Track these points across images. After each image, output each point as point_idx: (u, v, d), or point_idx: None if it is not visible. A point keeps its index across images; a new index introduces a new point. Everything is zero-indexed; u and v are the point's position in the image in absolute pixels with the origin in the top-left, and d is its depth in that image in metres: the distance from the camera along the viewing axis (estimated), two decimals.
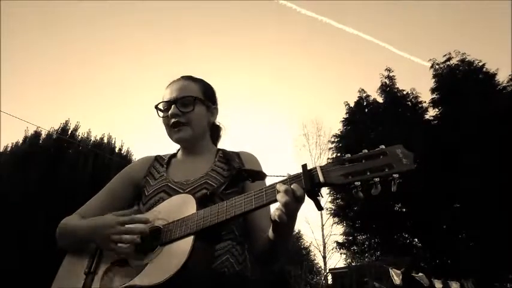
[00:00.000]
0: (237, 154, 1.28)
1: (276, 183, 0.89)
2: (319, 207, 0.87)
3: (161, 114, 1.26)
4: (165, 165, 1.27)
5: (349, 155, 0.84)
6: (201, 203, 0.99)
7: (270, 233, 0.98)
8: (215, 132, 1.39)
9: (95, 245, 1.04)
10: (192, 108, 1.22)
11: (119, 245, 0.95)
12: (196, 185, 1.13)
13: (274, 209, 0.89)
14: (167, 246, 0.93)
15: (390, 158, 0.79)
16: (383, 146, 0.82)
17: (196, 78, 1.33)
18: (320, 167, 0.85)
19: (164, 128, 1.28)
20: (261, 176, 1.04)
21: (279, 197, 0.84)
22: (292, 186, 0.84)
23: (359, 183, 0.79)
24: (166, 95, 1.26)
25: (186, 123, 1.21)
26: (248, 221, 1.14)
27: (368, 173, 0.79)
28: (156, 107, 1.27)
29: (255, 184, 1.07)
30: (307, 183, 0.83)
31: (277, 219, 0.85)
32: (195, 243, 0.89)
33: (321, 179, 0.82)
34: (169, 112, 1.21)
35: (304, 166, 0.87)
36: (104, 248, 1.01)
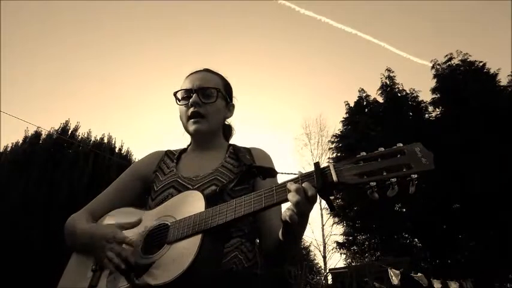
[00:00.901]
0: (248, 150, 1.26)
1: (287, 181, 0.86)
2: (332, 208, 0.84)
3: (179, 102, 1.24)
4: (175, 160, 1.25)
5: (364, 153, 0.80)
6: (210, 200, 0.97)
7: (281, 233, 0.95)
8: (227, 130, 1.38)
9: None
10: (214, 100, 1.21)
11: (110, 261, 0.92)
12: (205, 181, 1.11)
13: (285, 209, 0.86)
14: (174, 244, 0.91)
15: (408, 157, 0.75)
16: (401, 144, 0.78)
17: (218, 73, 1.32)
18: (333, 165, 0.81)
19: (180, 117, 1.25)
20: (271, 173, 1.02)
21: (289, 196, 0.81)
22: (303, 185, 0.80)
23: (374, 183, 0.74)
24: (187, 83, 1.24)
25: (204, 115, 1.20)
26: (258, 220, 1.12)
27: (384, 173, 0.75)
28: (175, 94, 1.25)
29: (266, 181, 1.05)
30: (319, 182, 0.80)
31: (288, 219, 0.82)
32: (203, 242, 0.87)
33: (334, 178, 0.78)
34: (191, 100, 1.19)
35: (316, 164, 0.83)
36: (98, 259, 0.97)
